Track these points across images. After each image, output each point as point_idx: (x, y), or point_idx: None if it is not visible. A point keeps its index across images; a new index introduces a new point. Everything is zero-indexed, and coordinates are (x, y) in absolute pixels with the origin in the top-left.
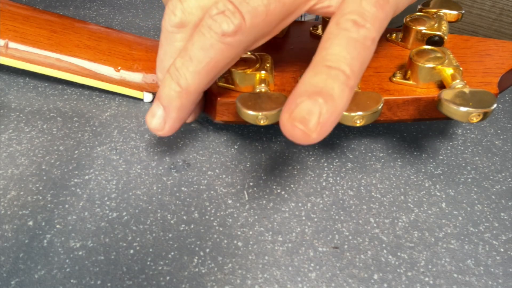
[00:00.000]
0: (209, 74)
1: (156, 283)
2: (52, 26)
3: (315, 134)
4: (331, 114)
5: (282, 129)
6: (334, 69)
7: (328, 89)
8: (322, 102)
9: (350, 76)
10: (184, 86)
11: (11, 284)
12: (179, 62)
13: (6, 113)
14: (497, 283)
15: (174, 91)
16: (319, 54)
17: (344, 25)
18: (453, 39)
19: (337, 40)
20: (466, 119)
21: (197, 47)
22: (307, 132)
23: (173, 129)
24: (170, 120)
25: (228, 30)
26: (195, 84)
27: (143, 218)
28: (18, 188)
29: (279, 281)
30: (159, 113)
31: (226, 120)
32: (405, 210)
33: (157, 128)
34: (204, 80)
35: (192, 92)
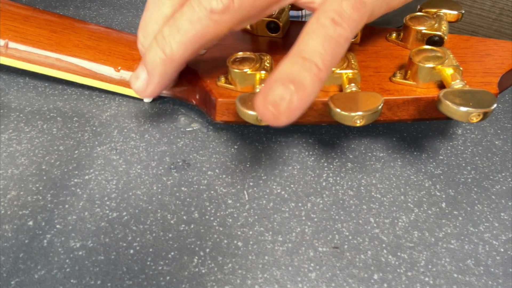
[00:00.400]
0: (193, 46)
1: (156, 283)
2: (52, 26)
3: (284, 118)
4: (300, 101)
5: (256, 110)
6: (308, 61)
7: (301, 78)
8: (293, 90)
9: (322, 69)
10: (169, 54)
11: (11, 284)
12: (166, 31)
13: (6, 113)
14: (497, 283)
15: (159, 58)
16: (297, 46)
17: (323, 21)
18: (453, 39)
19: (314, 35)
20: (466, 119)
21: (186, 19)
22: (277, 115)
23: (154, 93)
24: (152, 85)
25: (217, 8)
26: (179, 53)
27: (143, 218)
28: (18, 188)
29: (279, 281)
30: (143, 77)
31: (226, 120)
32: (405, 210)
33: (140, 90)
34: (189, 50)
35: (176, 61)
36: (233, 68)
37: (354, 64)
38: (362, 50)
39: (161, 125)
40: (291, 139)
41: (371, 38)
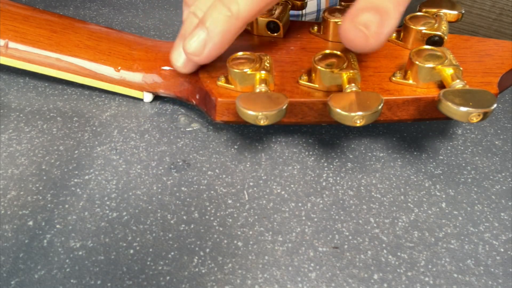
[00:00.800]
0: (260, 3)
1: (156, 283)
2: (52, 26)
3: (373, 40)
4: (386, 27)
5: (343, 36)
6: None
7: (385, 7)
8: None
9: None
10: (236, 12)
11: (11, 284)
12: None
13: (6, 113)
14: (497, 283)
15: (224, 15)
16: None
17: None
18: (453, 39)
19: None
20: (466, 119)
21: None
22: (368, 36)
23: (210, 56)
24: (211, 45)
25: None
26: (246, 11)
27: (143, 218)
28: (18, 188)
29: (279, 281)
30: (202, 36)
31: (226, 120)
32: (405, 210)
33: (196, 51)
34: (256, 8)
35: (241, 19)
36: (233, 68)
37: (354, 64)
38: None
39: (161, 125)
40: (291, 139)
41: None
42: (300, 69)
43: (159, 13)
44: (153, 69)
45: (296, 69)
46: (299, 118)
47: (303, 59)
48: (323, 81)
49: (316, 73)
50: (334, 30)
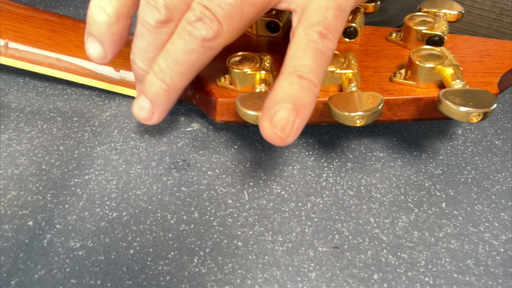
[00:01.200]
0: (192, 73)
1: (156, 283)
2: (52, 26)
3: (290, 139)
4: (302, 120)
5: (262, 134)
6: (305, 79)
7: (301, 98)
8: (296, 111)
9: (317, 85)
10: (171, 84)
11: (11, 284)
12: (163, 63)
13: (6, 113)
14: (497, 283)
15: (161, 89)
16: (292, 62)
17: (312, 36)
18: (453, 39)
19: (307, 50)
20: (466, 119)
21: (180, 51)
22: (284, 137)
23: (161, 118)
24: (158, 112)
25: (208, 36)
26: (180, 82)
27: (143, 218)
28: (18, 188)
29: (279, 281)
30: (147, 107)
31: (226, 120)
32: (405, 210)
33: (146, 118)
34: (188, 77)
35: (178, 89)
36: (233, 68)
37: (354, 64)
38: (362, 50)
39: (161, 125)
40: None
41: (371, 38)
42: None
43: None
44: None
45: None
46: None
47: None
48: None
49: None
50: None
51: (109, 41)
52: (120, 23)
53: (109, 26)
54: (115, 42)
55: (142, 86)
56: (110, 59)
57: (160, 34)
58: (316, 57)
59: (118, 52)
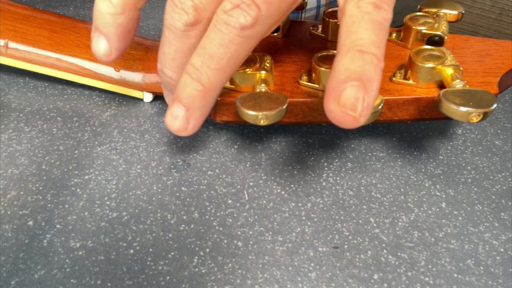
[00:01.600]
0: (230, 69)
1: (156, 283)
2: (52, 26)
3: (363, 118)
4: (372, 96)
5: (331, 117)
6: (367, 53)
7: (367, 73)
8: (364, 87)
9: (380, 58)
10: (207, 84)
11: (11, 284)
12: (198, 61)
13: (6, 113)
14: (497, 283)
15: (197, 90)
16: (348, 38)
17: (366, 8)
18: (453, 39)
19: (363, 23)
20: (466, 119)
21: (216, 44)
22: (357, 117)
23: (196, 128)
24: (194, 119)
25: (246, 23)
26: (217, 81)
27: (143, 218)
28: (18, 188)
29: (279, 281)
30: (181, 114)
31: (226, 120)
32: (405, 210)
33: (180, 129)
34: (226, 75)
35: (215, 89)
36: None
37: None
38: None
39: (161, 125)
40: (291, 139)
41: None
42: (300, 69)
43: (159, 13)
44: (153, 69)
45: (296, 69)
46: (299, 118)
47: (303, 59)
48: (323, 81)
49: (316, 73)
50: (334, 30)
51: (115, 35)
52: (127, 14)
53: (114, 18)
54: (120, 36)
55: (174, 93)
56: (116, 57)
57: (189, 38)
58: (374, 28)
59: (124, 49)
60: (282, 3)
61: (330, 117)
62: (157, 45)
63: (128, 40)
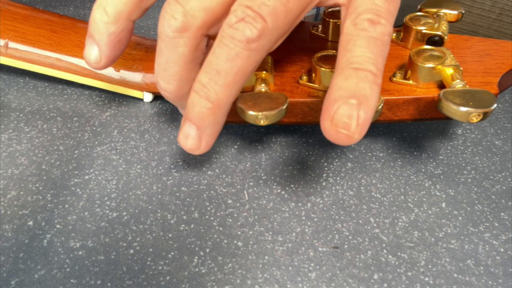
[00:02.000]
0: (238, 83)
1: (156, 283)
2: (52, 26)
3: (357, 135)
4: (367, 113)
5: (326, 135)
6: (362, 70)
7: (361, 90)
8: (358, 104)
9: (377, 74)
10: (216, 101)
11: (11, 284)
12: (205, 78)
13: (6, 113)
14: (497, 283)
15: (206, 108)
16: (344, 57)
17: (362, 25)
18: (453, 39)
19: (358, 41)
20: (466, 119)
21: (223, 59)
22: (350, 135)
23: (209, 145)
24: (206, 137)
25: (252, 36)
26: (226, 96)
27: (143, 218)
28: (18, 188)
29: (279, 281)
30: (193, 133)
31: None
32: (405, 210)
33: (193, 148)
34: (234, 90)
35: (224, 105)
36: None
37: None
38: None
39: (161, 125)
40: (291, 139)
41: None
42: (300, 69)
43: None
44: (153, 69)
45: (296, 69)
46: (299, 118)
47: (303, 59)
48: (323, 81)
49: (316, 73)
50: (334, 30)
51: (106, 43)
52: (119, 24)
53: (107, 26)
54: (111, 44)
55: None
56: (105, 64)
57: (178, 45)
58: (370, 44)
59: (114, 58)
60: (288, 15)
61: (325, 135)
62: None
63: (119, 50)
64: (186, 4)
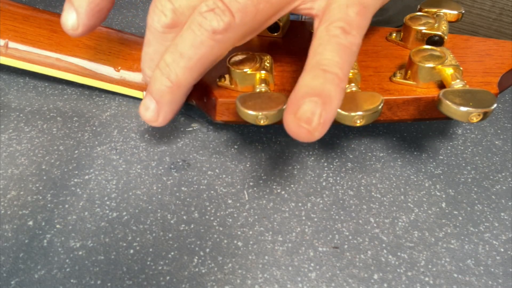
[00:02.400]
0: (199, 69)
1: (156, 283)
2: (52, 26)
3: (318, 132)
4: (329, 113)
5: (287, 129)
6: (329, 72)
7: (326, 90)
8: (322, 103)
9: (342, 78)
10: (175, 81)
11: (11, 284)
12: (169, 58)
13: (6, 113)
14: (497, 283)
15: (166, 86)
16: (314, 58)
17: (334, 32)
18: (453, 39)
19: (329, 45)
20: (466, 119)
21: (188, 44)
22: (311, 130)
23: (166, 120)
24: (163, 113)
25: (218, 27)
26: (185, 79)
27: (143, 218)
28: (18, 188)
29: (279, 281)
30: (152, 107)
31: (226, 120)
32: (405, 210)
33: (151, 119)
34: (194, 75)
35: (183, 86)
36: (233, 68)
37: (354, 64)
38: (362, 50)
39: None
40: (291, 139)
41: (371, 38)
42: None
43: None
44: None
45: (296, 69)
46: None
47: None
48: None
49: None
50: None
51: (85, 10)
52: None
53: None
54: (90, 13)
55: (148, 86)
56: (81, 32)
57: (166, 40)
58: (340, 50)
59: (92, 27)
60: (257, 16)
61: (287, 129)
62: None
63: (98, 19)
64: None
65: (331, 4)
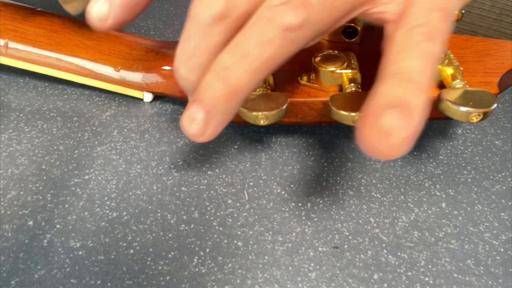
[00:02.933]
0: (263, 73)
1: (156, 283)
2: (52, 26)
3: (401, 148)
4: (413, 127)
5: (363, 144)
6: (412, 82)
7: (410, 101)
8: (405, 115)
9: (427, 88)
10: (234, 87)
11: (11, 284)
12: (228, 59)
13: (6, 113)
14: (497, 283)
15: (221, 93)
16: (393, 66)
17: (416, 37)
18: (453, 39)
19: (411, 52)
20: (466, 119)
21: (253, 43)
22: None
23: (215, 134)
24: (213, 125)
25: (294, 23)
26: (247, 84)
27: (143, 218)
28: (18, 188)
29: (279, 281)
30: (200, 117)
31: None
32: (405, 210)
33: (197, 133)
34: (257, 79)
35: (242, 94)
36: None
37: (355, 63)
38: (362, 50)
39: (161, 125)
40: (291, 139)
41: (371, 38)
42: (300, 69)
43: (159, 13)
44: (153, 69)
45: (296, 69)
46: (299, 118)
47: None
48: (323, 81)
49: (316, 73)
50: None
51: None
52: None
53: None
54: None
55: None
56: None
57: (212, 34)
58: (422, 57)
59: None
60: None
61: (362, 144)
62: (157, 45)
63: (132, 13)
64: None
65: (410, 7)
